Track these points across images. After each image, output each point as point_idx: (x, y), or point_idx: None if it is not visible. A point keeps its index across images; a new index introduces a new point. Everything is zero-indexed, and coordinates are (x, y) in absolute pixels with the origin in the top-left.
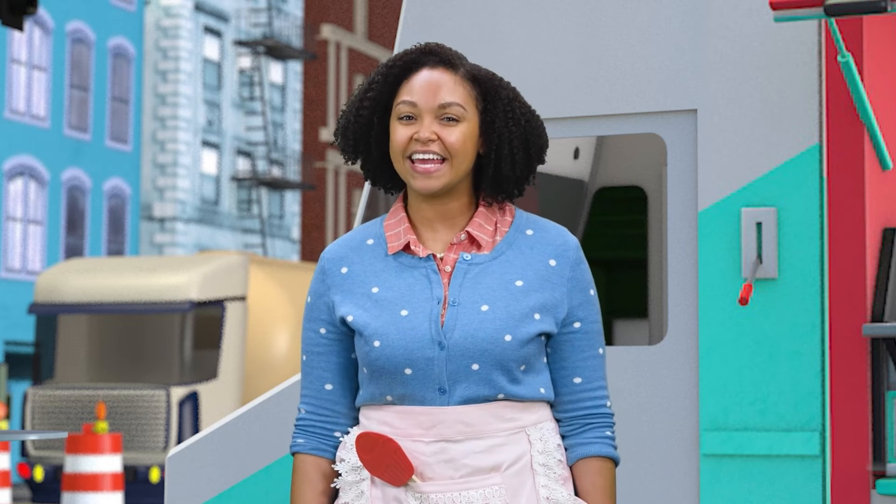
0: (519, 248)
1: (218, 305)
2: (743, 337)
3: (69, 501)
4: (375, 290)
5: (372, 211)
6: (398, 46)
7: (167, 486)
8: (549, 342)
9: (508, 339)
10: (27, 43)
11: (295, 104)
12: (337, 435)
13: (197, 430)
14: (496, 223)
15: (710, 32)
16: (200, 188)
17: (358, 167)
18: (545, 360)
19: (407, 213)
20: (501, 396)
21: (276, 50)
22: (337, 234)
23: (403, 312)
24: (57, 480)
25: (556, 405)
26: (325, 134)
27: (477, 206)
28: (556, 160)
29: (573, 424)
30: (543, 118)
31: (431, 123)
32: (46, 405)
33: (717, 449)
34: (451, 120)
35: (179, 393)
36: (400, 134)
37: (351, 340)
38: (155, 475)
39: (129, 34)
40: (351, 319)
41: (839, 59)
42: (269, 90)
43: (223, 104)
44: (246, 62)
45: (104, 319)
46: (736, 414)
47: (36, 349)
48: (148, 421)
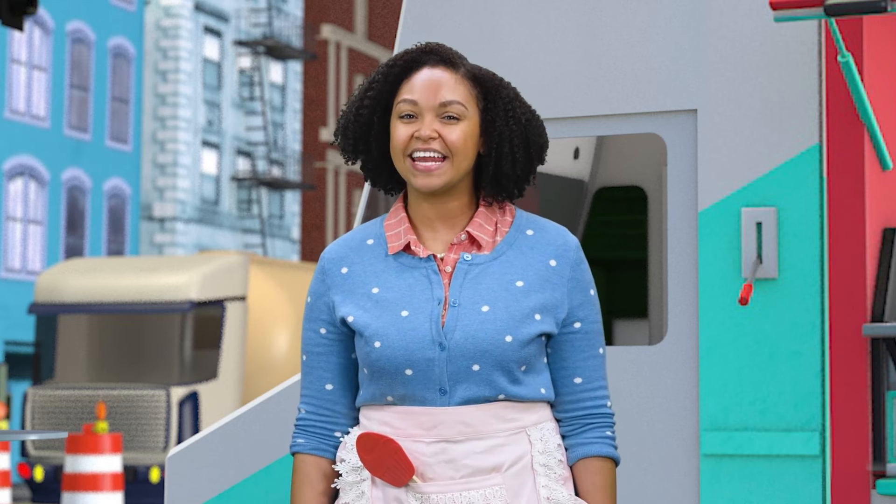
0: (519, 248)
1: (218, 305)
2: (743, 337)
3: (69, 501)
4: (376, 290)
5: (372, 211)
6: (398, 46)
7: (167, 486)
8: (549, 342)
9: (509, 339)
10: (27, 43)
11: (295, 104)
12: (337, 435)
13: (197, 430)
14: (496, 223)
15: (710, 32)
16: (200, 188)
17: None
18: (545, 360)
19: (407, 212)
20: (502, 397)
21: (276, 50)
22: (337, 234)
23: (404, 313)
24: (57, 480)
25: (556, 405)
26: (325, 134)
27: (477, 206)
28: (556, 160)
29: (573, 424)
30: (543, 118)
31: (432, 121)
32: (46, 405)
33: (717, 449)
34: (451, 118)
35: (179, 393)
36: (401, 132)
37: (351, 341)
38: (155, 475)
39: (129, 34)
40: (351, 320)
41: (839, 59)
42: (269, 90)
43: (223, 104)
44: (246, 62)
45: (104, 319)
46: (736, 414)
47: (36, 349)
48: (148, 421)
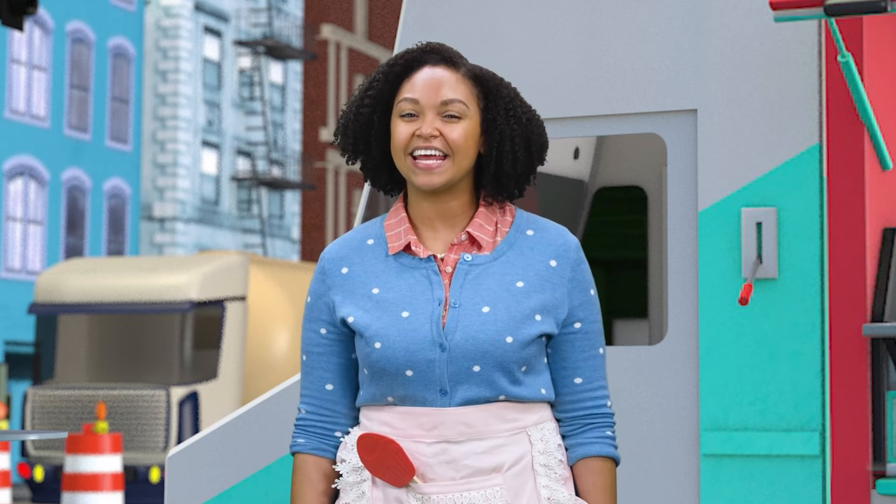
0: (519, 248)
1: (218, 305)
2: (743, 337)
3: (69, 501)
4: (376, 290)
5: (372, 211)
6: (398, 46)
7: (167, 486)
8: (549, 342)
9: (510, 340)
10: (27, 43)
11: (295, 104)
12: (338, 435)
13: (197, 430)
14: (496, 223)
15: (710, 32)
16: (200, 188)
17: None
18: (545, 360)
19: (407, 212)
20: (502, 397)
21: (276, 50)
22: (337, 234)
23: (404, 314)
24: (57, 480)
25: (556, 405)
26: (325, 134)
27: (477, 205)
28: (556, 160)
29: (574, 424)
30: (543, 118)
31: (434, 120)
32: (46, 405)
33: (717, 449)
34: (452, 117)
35: (179, 393)
36: (402, 130)
37: (351, 341)
38: (155, 475)
39: (129, 34)
40: (352, 321)
41: (839, 59)
42: (269, 90)
43: (223, 104)
44: (246, 62)
45: (104, 319)
46: (736, 414)
47: (36, 349)
48: (148, 421)
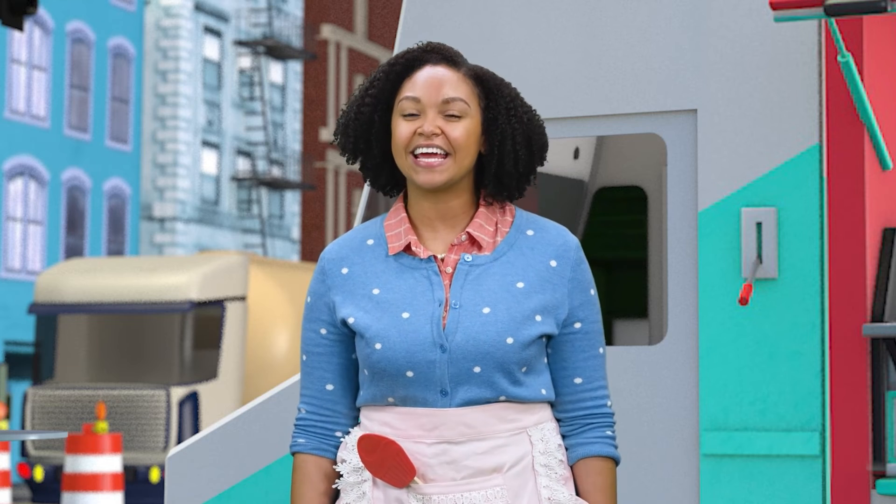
0: (520, 248)
1: (218, 305)
2: (743, 337)
3: (69, 501)
4: (376, 291)
5: (372, 211)
6: (398, 46)
7: (167, 486)
8: (549, 342)
9: (510, 341)
10: (27, 43)
11: (295, 104)
12: (338, 435)
13: (197, 430)
14: (497, 223)
15: (710, 32)
16: (200, 188)
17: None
18: (546, 360)
19: (407, 212)
20: (503, 398)
21: (276, 50)
22: (337, 234)
23: (405, 315)
24: (57, 480)
25: (556, 405)
26: (325, 134)
27: (477, 205)
28: (556, 160)
29: (574, 424)
30: (543, 118)
31: (435, 118)
32: (46, 405)
33: (717, 449)
34: (454, 116)
35: (179, 393)
36: (403, 129)
37: (352, 341)
38: (155, 475)
39: (129, 34)
40: (352, 321)
41: (839, 59)
42: (269, 90)
43: (223, 104)
44: (246, 62)
45: (104, 319)
46: (736, 414)
47: (36, 349)
48: (148, 421)
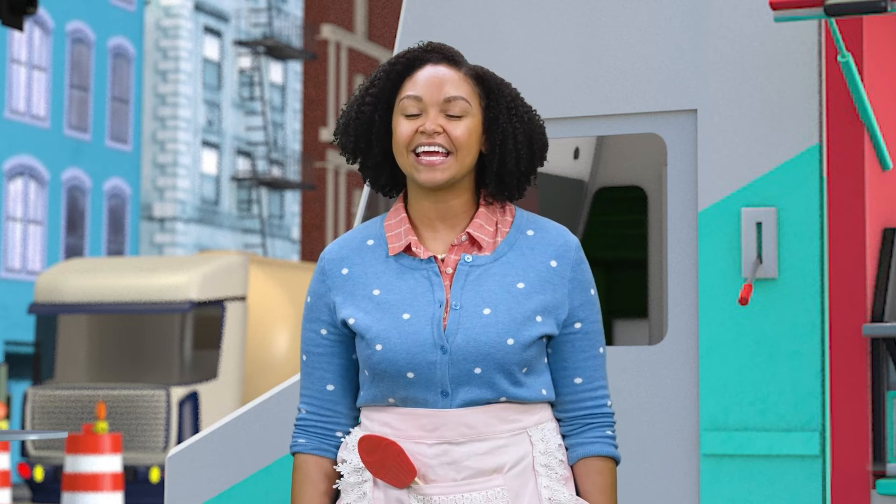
0: (520, 249)
1: (218, 305)
2: (743, 337)
3: (69, 501)
4: (377, 292)
5: (372, 211)
6: (398, 46)
7: (167, 486)
8: (549, 343)
9: (511, 342)
10: (27, 43)
11: (295, 104)
12: (338, 435)
13: (197, 430)
14: (497, 223)
15: (710, 32)
16: (200, 188)
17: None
18: (546, 360)
19: (407, 212)
20: (503, 399)
21: (276, 50)
22: (337, 234)
23: (405, 316)
24: (57, 480)
25: (556, 405)
26: (325, 134)
27: (478, 205)
28: (556, 160)
29: (574, 424)
30: (543, 118)
31: (437, 116)
32: (46, 405)
33: (717, 449)
34: (455, 115)
35: (179, 393)
36: (404, 128)
37: (352, 341)
38: (155, 475)
39: (129, 34)
40: (352, 322)
41: (839, 59)
42: (269, 90)
43: (223, 104)
44: (246, 62)
45: (104, 319)
46: (736, 414)
47: (36, 349)
48: (148, 421)
